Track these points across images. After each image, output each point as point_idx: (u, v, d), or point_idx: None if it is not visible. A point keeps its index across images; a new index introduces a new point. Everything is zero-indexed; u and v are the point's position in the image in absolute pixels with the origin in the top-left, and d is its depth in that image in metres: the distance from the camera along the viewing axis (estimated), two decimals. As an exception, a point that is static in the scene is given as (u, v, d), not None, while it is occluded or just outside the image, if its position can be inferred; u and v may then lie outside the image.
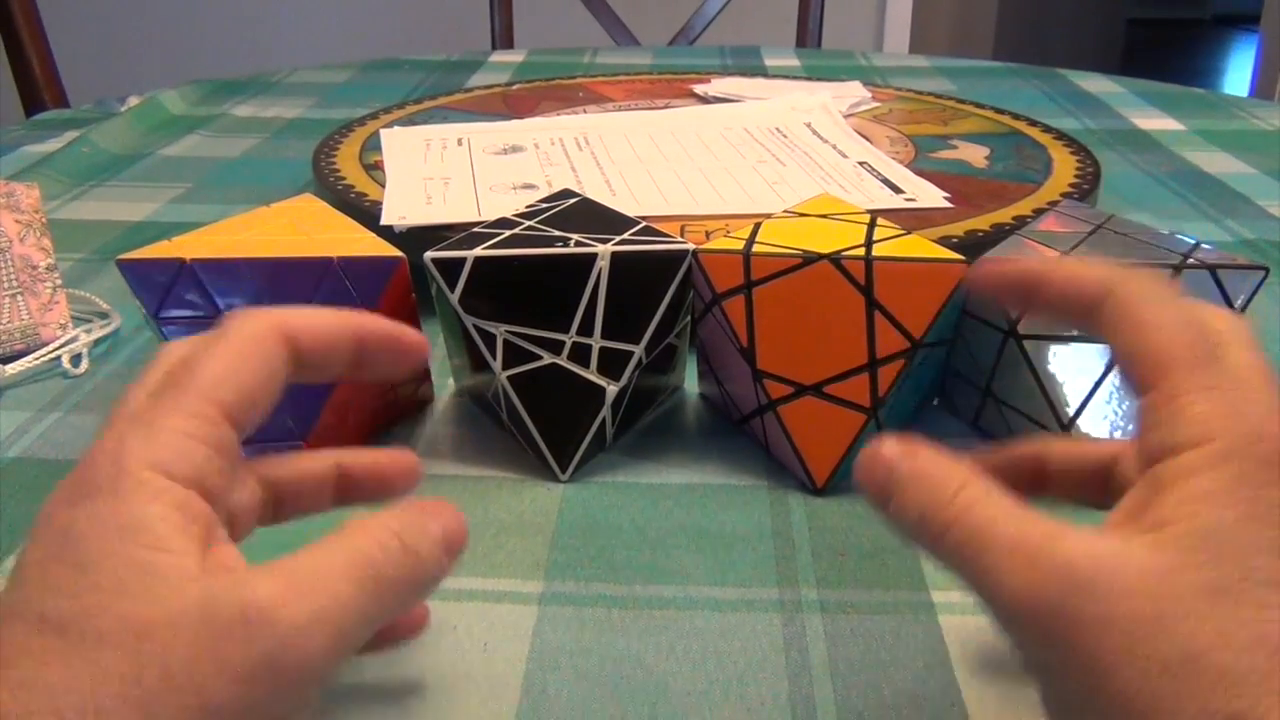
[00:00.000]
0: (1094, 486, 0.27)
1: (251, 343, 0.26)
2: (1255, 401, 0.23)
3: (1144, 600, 0.21)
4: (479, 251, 0.39)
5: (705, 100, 0.85)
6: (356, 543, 0.24)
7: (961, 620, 0.34)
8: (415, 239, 0.52)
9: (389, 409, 0.45)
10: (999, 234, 0.54)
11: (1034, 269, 0.27)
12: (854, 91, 0.86)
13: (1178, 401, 0.23)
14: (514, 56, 1.16)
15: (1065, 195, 0.61)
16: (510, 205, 0.45)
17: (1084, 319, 0.26)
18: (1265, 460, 0.22)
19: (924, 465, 0.24)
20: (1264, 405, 0.23)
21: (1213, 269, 0.38)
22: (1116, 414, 0.39)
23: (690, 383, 0.48)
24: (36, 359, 0.49)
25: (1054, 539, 0.22)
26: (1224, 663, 0.20)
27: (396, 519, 0.25)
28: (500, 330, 0.39)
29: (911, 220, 0.55)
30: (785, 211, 0.43)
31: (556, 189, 0.46)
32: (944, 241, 0.49)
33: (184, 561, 0.22)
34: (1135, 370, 0.24)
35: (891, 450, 0.25)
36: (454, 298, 0.39)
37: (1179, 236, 0.41)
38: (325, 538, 0.24)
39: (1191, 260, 0.39)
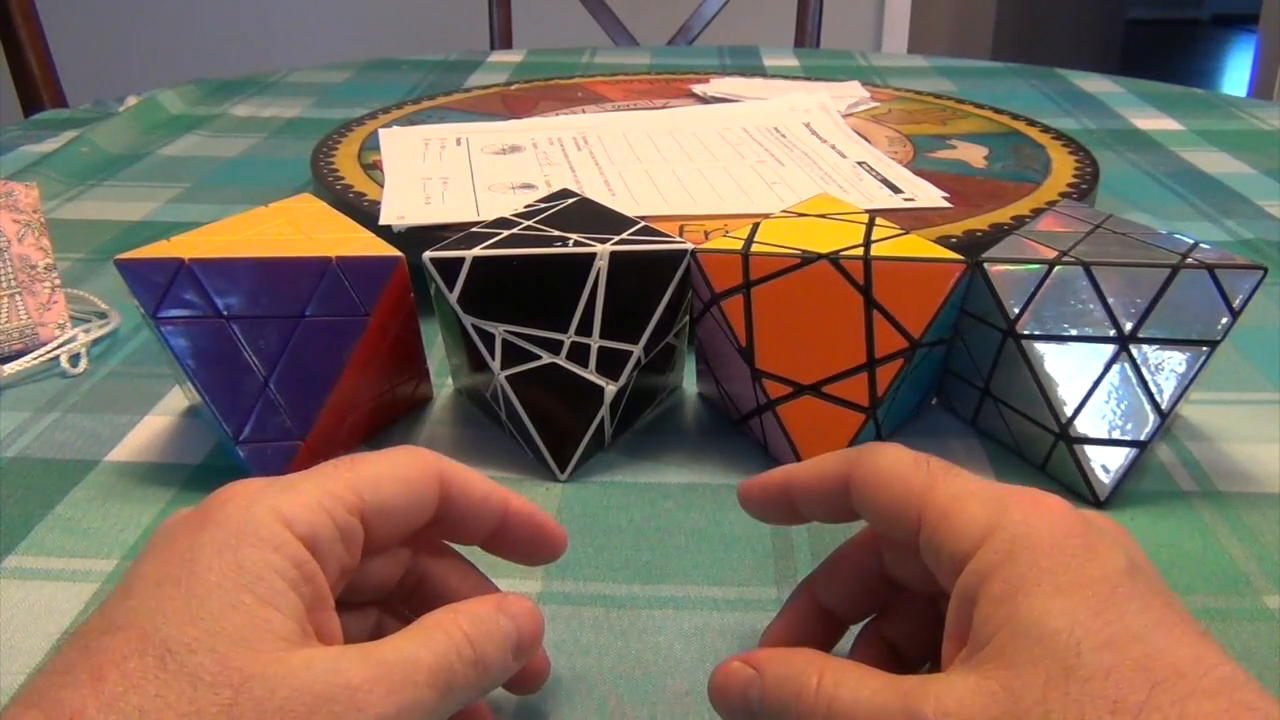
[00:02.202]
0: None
1: (412, 469, 0.27)
2: (1001, 487, 0.26)
3: None
4: (478, 251, 0.39)
5: (704, 100, 0.85)
6: (438, 645, 0.25)
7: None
8: (414, 239, 0.52)
9: (388, 409, 0.45)
10: (997, 234, 0.54)
11: (780, 479, 0.29)
12: (853, 91, 0.86)
13: (948, 517, 0.25)
14: (513, 56, 1.16)
15: (1064, 195, 0.61)
16: (509, 205, 0.45)
17: (842, 507, 0.28)
18: (1038, 542, 0.24)
19: (776, 671, 0.26)
20: (1007, 486, 0.26)
21: (1211, 269, 0.38)
22: (1114, 413, 0.39)
23: (689, 382, 0.48)
24: (35, 359, 0.49)
25: (910, 701, 0.23)
26: None
27: (472, 623, 0.26)
28: (499, 330, 0.39)
29: (910, 220, 0.55)
30: (784, 211, 0.43)
31: (555, 189, 0.46)
32: (943, 241, 0.49)
33: (289, 622, 0.23)
34: (893, 521, 0.26)
35: (741, 671, 0.26)
36: (452, 297, 0.39)
37: (1177, 236, 0.41)
38: (412, 630, 0.25)
39: (1190, 260, 0.39)
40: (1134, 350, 0.39)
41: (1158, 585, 0.24)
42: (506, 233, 0.40)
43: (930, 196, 0.60)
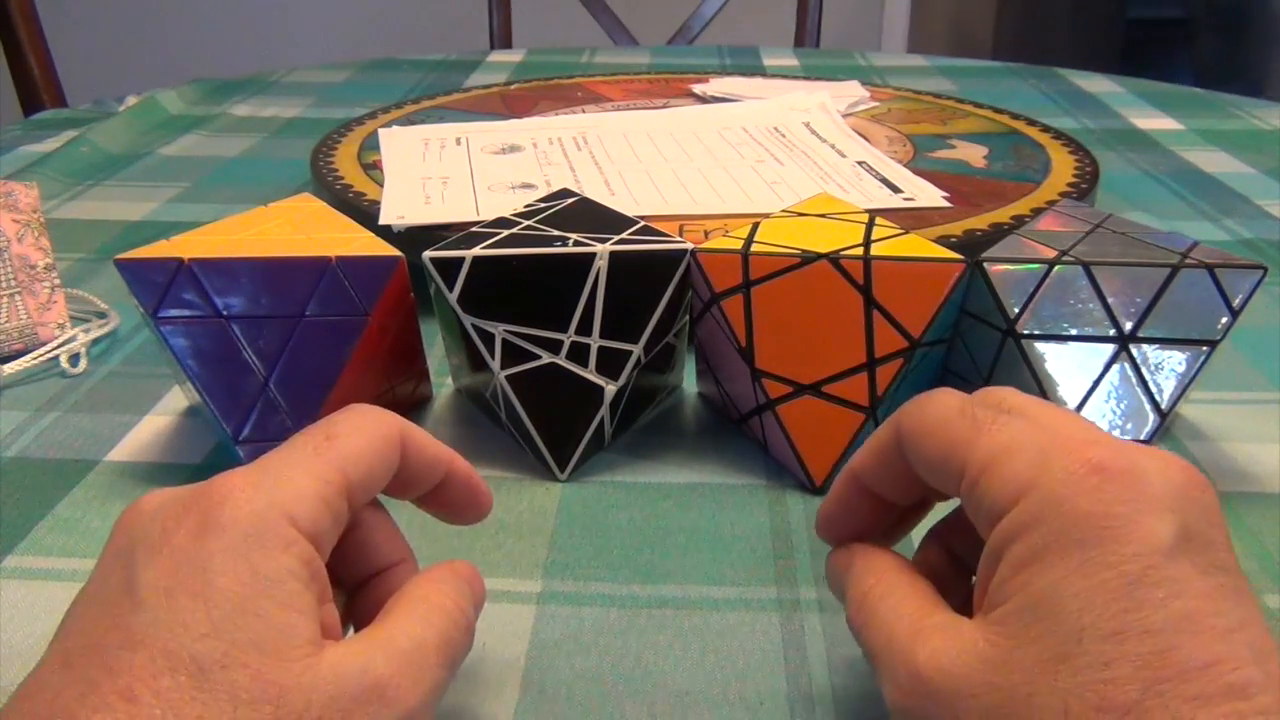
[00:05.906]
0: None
1: (380, 438, 0.27)
2: (1053, 436, 0.24)
3: (987, 695, 0.22)
4: (477, 251, 0.39)
5: (704, 100, 0.85)
6: (438, 622, 0.26)
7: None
8: (414, 238, 0.52)
9: (387, 408, 0.44)
10: (997, 233, 0.54)
11: (847, 471, 0.29)
12: (852, 91, 0.86)
13: (988, 471, 0.24)
14: (512, 56, 1.16)
15: (1064, 195, 0.61)
16: (508, 205, 0.45)
17: (899, 465, 0.27)
18: (1073, 509, 0.22)
19: (858, 566, 0.28)
20: (1063, 434, 0.24)
21: (1211, 268, 0.38)
22: (1114, 413, 0.39)
23: (689, 382, 0.48)
24: (35, 358, 0.49)
25: (915, 643, 0.24)
26: None
27: (460, 593, 0.27)
28: (499, 329, 0.39)
29: (910, 220, 0.55)
30: (784, 211, 0.43)
31: (555, 188, 0.46)
32: (942, 241, 0.49)
33: (310, 625, 0.23)
34: (941, 473, 0.26)
35: (836, 561, 0.29)
36: (452, 297, 0.39)
37: (1177, 236, 0.41)
38: (406, 610, 0.26)
39: (1190, 259, 0.39)
40: (1134, 350, 0.39)
41: (1208, 562, 0.22)
42: (506, 232, 0.40)
43: (930, 196, 0.60)
